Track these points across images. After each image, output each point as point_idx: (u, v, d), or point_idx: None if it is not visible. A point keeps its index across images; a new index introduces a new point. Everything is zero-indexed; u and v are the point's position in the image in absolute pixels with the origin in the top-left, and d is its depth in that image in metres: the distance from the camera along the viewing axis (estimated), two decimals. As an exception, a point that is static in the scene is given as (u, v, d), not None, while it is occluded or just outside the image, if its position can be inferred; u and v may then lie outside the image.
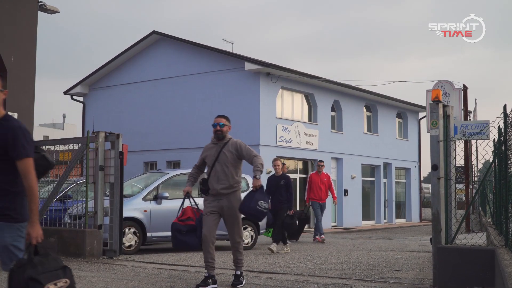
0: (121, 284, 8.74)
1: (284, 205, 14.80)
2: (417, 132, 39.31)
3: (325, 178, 18.82)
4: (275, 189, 14.78)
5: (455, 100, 21.18)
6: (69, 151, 13.82)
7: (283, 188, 14.84)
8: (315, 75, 29.28)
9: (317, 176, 18.77)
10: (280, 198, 14.74)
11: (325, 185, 18.69)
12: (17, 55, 13.56)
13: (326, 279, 9.36)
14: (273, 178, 15.17)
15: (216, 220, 8.64)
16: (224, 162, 8.84)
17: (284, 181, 14.90)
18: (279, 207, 14.68)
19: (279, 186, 14.81)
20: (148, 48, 30.99)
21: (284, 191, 14.84)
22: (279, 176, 15.01)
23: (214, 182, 8.72)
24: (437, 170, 8.38)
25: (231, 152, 8.99)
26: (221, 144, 9.21)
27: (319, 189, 18.62)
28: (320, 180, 18.71)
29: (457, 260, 8.02)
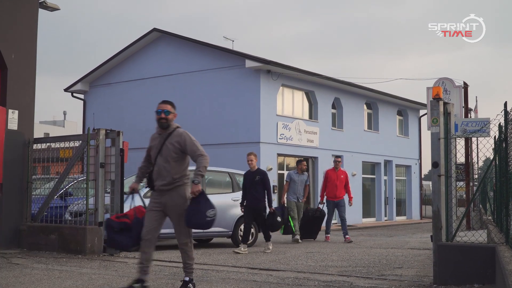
0: (122, 281, 8.74)
1: (261, 204, 13.91)
2: (417, 129, 39.31)
3: (342, 175, 17.92)
4: (250, 185, 13.88)
5: (455, 98, 21.20)
6: (70, 148, 13.82)
7: (259, 184, 13.88)
8: (315, 73, 29.29)
9: (334, 173, 17.88)
10: (256, 195, 13.82)
11: (342, 182, 17.80)
12: (18, 52, 13.55)
13: (327, 276, 9.37)
14: (248, 173, 14.20)
15: (157, 218, 7.84)
16: (166, 155, 7.93)
17: (260, 176, 13.95)
18: (256, 204, 13.87)
19: (254, 182, 13.87)
20: (149, 46, 30.99)
21: (261, 187, 13.87)
22: (254, 172, 14.05)
23: (155, 178, 7.89)
24: (437, 168, 8.37)
25: (173, 144, 8.06)
26: (164, 134, 8.29)
27: (334, 187, 17.71)
28: (336, 177, 17.80)
29: (458, 258, 8.02)
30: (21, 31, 13.73)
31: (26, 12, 13.95)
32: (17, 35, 13.61)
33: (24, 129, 13.59)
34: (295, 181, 17.24)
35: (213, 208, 7.67)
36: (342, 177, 17.85)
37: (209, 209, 7.63)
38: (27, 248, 13.04)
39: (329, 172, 18.04)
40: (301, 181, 17.30)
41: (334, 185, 17.67)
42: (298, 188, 17.25)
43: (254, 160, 14.07)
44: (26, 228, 13.25)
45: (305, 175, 17.47)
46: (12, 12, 13.57)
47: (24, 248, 13.10)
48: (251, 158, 14.07)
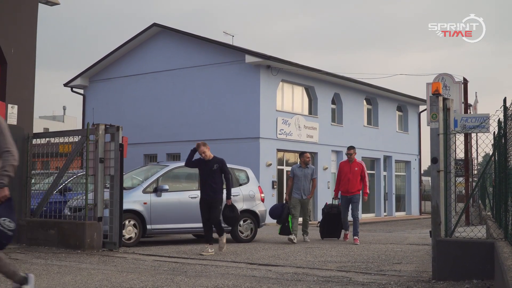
0: (121, 276, 8.75)
1: (217, 196, 12.42)
2: (417, 125, 39.31)
3: (356, 168, 15.77)
4: (207, 176, 12.47)
5: (455, 93, 21.18)
6: (69, 143, 13.83)
7: (217, 174, 12.47)
8: (315, 68, 29.27)
9: (347, 165, 15.92)
10: (214, 186, 12.38)
11: (355, 175, 15.68)
12: (17, 47, 13.54)
13: (326, 272, 9.38)
14: (202, 162, 12.64)
15: None
16: None
17: (218, 165, 12.50)
18: (212, 197, 12.39)
19: (211, 171, 12.44)
20: (149, 41, 30.97)
21: (219, 178, 12.49)
22: (210, 160, 12.55)
23: None
24: (437, 163, 8.38)
25: None
26: None
27: (347, 181, 15.67)
28: (349, 170, 15.76)
29: (457, 253, 8.02)
30: (21, 26, 13.72)
31: (26, 7, 13.94)
32: (17, 30, 13.59)
33: (23, 124, 13.58)
34: (298, 176, 15.57)
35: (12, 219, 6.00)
36: (357, 170, 15.72)
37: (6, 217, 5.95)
38: (26, 243, 13.04)
39: (342, 164, 16.32)
40: (305, 175, 15.54)
41: (347, 179, 15.71)
42: (302, 183, 15.49)
43: (207, 150, 12.62)
44: (25, 223, 13.25)
45: (309, 169, 15.71)
46: (12, 7, 13.55)
47: (23, 243, 13.11)
48: (203, 150, 12.60)
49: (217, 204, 12.47)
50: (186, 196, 14.64)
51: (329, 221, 16.21)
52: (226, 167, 12.67)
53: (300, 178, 15.53)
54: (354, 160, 15.92)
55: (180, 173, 15.52)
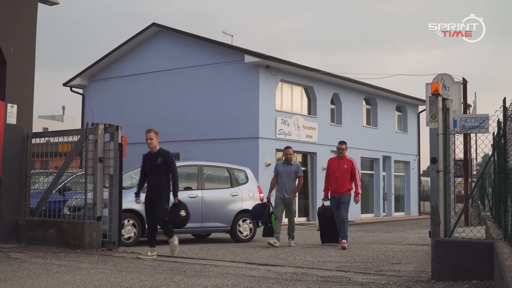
0: (120, 276, 8.75)
1: (163, 193, 11.30)
2: (416, 125, 39.32)
3: (346, 165, 14.21)
4: (152, 170, 11.36)
5: (454, 94, 21.21)
6: (69, 143, 13.84)
7: (162, 169, 11.34)
8: (314, 68, 29.28)
9: (335, 162, 14.40)
10: (159, 183, 11.27)
11: (344, 173, 14.13)
12: (17, 47, 13.54)
13: (325, 272, 9.38)
14: (148, 156, 11.61)
15: None
16: None
17: (162, 159, 11.38)
18: (157, 194, 11.28)
19: (156, 165, 11.33)
20: (148, 40, 30.97)
21: (164, 173, 11.34)
22: (155, 153, 11.49)
23: None
24: (436, 163, 8.38)
25: None
26: None
27: (334, 179, 14.19)
28: (338, 167, 14.24)
29: (456, 253, 8.03)
30: (21, 25, 13.72)
31: (25, 6, 13.94)
32: (16, 30, 13.59)
33: (23, 123, 13.59)
34: (281, 173, 14.45)
35: None
36: (346, 167, 14.17)
37: None
38: (25, 243, 13.05)
39: (330, 161, 14.69)
40: (287, 172, 14.34)
41: (335, 177, 14.21)
42: (284, 181, 14.36)
43: (154, 138, 11.53)
44: (24, 223, 13.26)
45: (293, 166, 14.44)
46: (11, 6, 13.56)
47: (23, 242, 13.11)
48: (151, 136, 11.50)
49: (163, 202, 11.27)
50: (185, 195, 14.61)
51: (327, 225, 14.57)
52: (171, 161, 11.46)
53: (282, 175, 14.42)
54: (344, 156, 14.35)
55: (180, 173, 15.44)
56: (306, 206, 29.85)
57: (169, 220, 11.39)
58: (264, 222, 14.52)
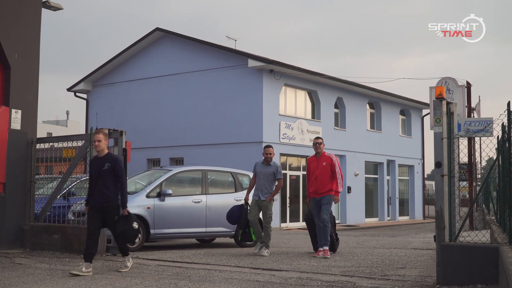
0: (125, 281, 8.75)
1: (110, 202, 9.92)
2: (420, 129, 39.31)
3: (325, 162, 12.83)
4: (97, 177, 9.99)
5: (458, 97, 21.21)
6: (73, 148, 13.84)
7: (109, 176, 9.94)
8: (318, 72, 29.33)
9: (314, 161, 13.09)
10: (104, 191, 9.89)
11: (324, 172, 12.78)
12: (21, 52, 13.56)
13: (330, 276, 9.36)
14: (94, 160, 10.28)
15: None
16: None
17: (110, 164, 9.95)
18: (103, 203, 9.91)
19: (102, 172, 9.95)
20: (152, 45, 31.03)
21: (110, 180, 9.94)
22: (102, 158, 10.09)
23: None
24: (440, 167, 8.37)
25: None
26: None
27: (314, 179, 12.86)
28: (316, 166, 12.92)
29: (461, 258, 8.01)
30: (24, 30, 13.75)
31: (29, 11, 13.97)
32: (20, 35, 13.62)
33: (27, 128, 13.60)
34: (258, 173, 13.31)
35: None
36: (325, 165, 12.82)
37: None
38: (30, 248, 13.05)
39: (309, 160, 13.39)
40: (265, 174, 13.19)
41: (314, 177, 12.89)
42: (261, 182, 13.18)
43: (103, 140, 10.15)
44: (29, 228, 13.26)
45: (272, 167, 13.28)
46: (15, 11, 13.58)
47: (27, 248, 13.12)
48: (99, 138, 10.11)
49: (111, 213, 9.98)
50: (190, 200, 14.64)
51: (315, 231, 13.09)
52: (120, 167, 10.09)
53: (260, 176, 13.26)
54: (322, 153, 13.03)
55: (184, 178, 15.52)
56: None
57: (119, 235, 10.05)
58: (241, 227, 13.26)
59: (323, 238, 12.55)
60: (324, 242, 12.51)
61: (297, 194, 29.43)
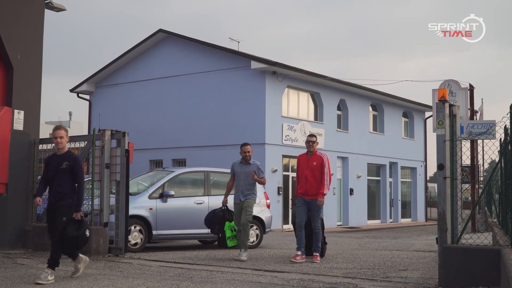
0: (127, 282, 8.75)
1: (62, 201, 9.13)
2: (423, 131, 39.28)
3: (315, 162, 12.08)
4: (54, 176, 9.22)
5: (461, 100, 21.17)
6: (75, 149, 13.85)
7: (66, 176, 9.19)
8: (321, 74, 29.29)
9: (304, 159, 12.32)
10: (60, 190, 9.14)
11: (314, 172, 12.05)
12: (24, 53, 13.58)
13: (332, 278, 9.36)
14: (52, 158, 9.50)
15: None
16: None
17: (68, 163, 9.20)
18: (57, 204, 9.16)
19: (59, 171, 9.20)
20: (154, 46, 31.04)
21: (68, 180, 9.19)
22: (61, 156, 9.29)
23: None
24: (443, 170, 8.36)
25: None
26: None
27: (304, 179, 12.09)
28: (306, 165, 12.15)
29: (463, 260, 8.00)
30: (27, 31, 13.77)
31: (32, 12, 13.99)
32: (23, 36, 13.65)
33: (29, 129, 13.62)
34: (237, 174, 12.58)
35: None
36: (315, 165, 12.04)
37: None
38: (32, 249, 13.06)
39: (299, 158, 12.57)
40: (245, 173, 12.44)
41: (304, 177, 12.13)
42: (241, 183, 12.43)
43: (65, 137, 9.37)
44: (31, 229, 13.28)
45: (252, 165, 12.55)
46: (18, 12, 13.61)
47: (29, 248, 13.13)
48: (61, 134, 9.29)
49: (60, 212, 9.15)
50: (192, 201, 14.66)
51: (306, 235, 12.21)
52: (79, 167, 9.31)
53: (239, 177, 12.50)
54: (314, 152, 12.23)
55: (186, 179, 15.54)
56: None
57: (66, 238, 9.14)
58: (214, 231, 12.85)
59: (315, 243, 12.07)
60: (315, 248, 12.04)
61: (299, 196, 29.35)
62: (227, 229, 12.62)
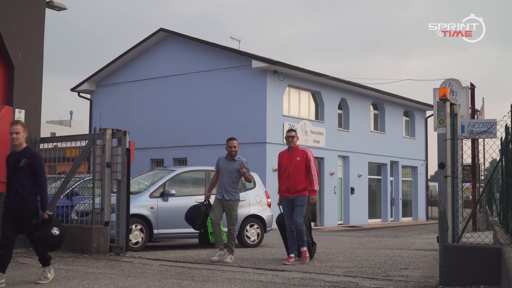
0: (128, 281, 8.76)
1: (26, 204, 8.52)
2: (424, 130, 39.27)
3: (299, 157, 11.49)
4: (13, 175, 8.58)
5: (462, 99, 21.17)
6: (76, 148, 13.87)
7: (26, 173, 8.56)
8: (322, 73, 29.29)
9: (286, 156, 11.71)
10: (20, 191, 8.51)
11: (298, 168, 11.44)
12: (25, 52, 13.58)
13: (332, 277, 9.37)
14: (11, 155, 8.84)
15: None
16: None
17: (27, 160, 8.57)
18: (19, 205, 8.52)
19: (18, 169, 8.57)
20: (155, 46, 31.04)
21: (28, 179, 8.56)
22: (19, 152, 8.67)
23: None
24: (444, 169, 8.36)
25: None
26: None
27: (286, 177, 11.49)
28: (289, 162, 11.55)
29: (464, 259, 8.00)
30: (28, 30, 13.77)
31: (33, 12, 13.99)
32: (24, 35, 13.65)
33: (30, 128, 13.58)
34: (222, 170, 11.90)
35: None
36: (299, 160, 11.47)
37: None
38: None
39: (280, 155, 11.99)
40: (229, 170, 11.76)
41: (286, 174, 11.52)
42: (225, 180, 11.75)
43: (22, 133, 8.68)
44: (32, 228, 13.27)
45: (237, 162, 11.83)
46: (19, 11, 13.61)
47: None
48: (17, 130, 8.62)
49: (28, 216, 8.58)
50: (193, 200, 14.61)
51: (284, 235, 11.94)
52: (39, 164, 8.68)
53: (223, 173, 11.85)
54: (296, 147, 11.68)
55: (187, 178, 15.54)
56: (313, 211, 29.81)
57: (36, 240, 8.68)
58: (196, 227, 12.05)
59: (299, 238, 11.37)
60: (300, 243, 11.34)
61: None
62: (209, 224, 11.76)
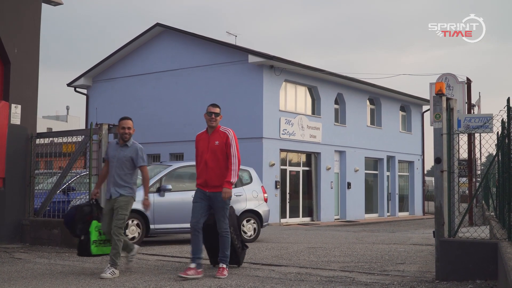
0: (124, 276, 8.75)
1: None
2: (420, 125, 39.32)
3: (217, 141, 8.99)
4: None
5: (458, 93, 21.20)
6: (73, 143, 13.86)
7: None
8: (318, 68, 29.29)
9: (204, 139, 9.15)
10: None
11: (217, 155, 8.91)
12: (21, 47, 13.56)
13: (329, 272, 9.37)
14: None
15: None
16: None
17: None
18: None
19: None
20: (152, 40, 31.00)
21: None
22: None
23: None
24: (440, 163, 8.37)
25: None
26: None
27: (204, 166, 8.93)
28: (207, 147, 8.99)
29: (460, 253, 8.01)
30: (24, 25, 13.74)
31: (29, 6, 13.96)
32: (20, 30, 13.62)
33: (27, 123, 13.60)
34: (111, 158, 9.21)
35: None
36: (217, 145, 8.97)
37: None
38: (29, 243, 13.06)
39: (197, 137, 9.31)
40: (119, 159, 9.12)
41: (203, 162, 8.97)
42: (114, 172, 9.07)
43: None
44: (28, 223, 13.28)
45: (130, 148, 9.29)
46: (15, 6, 13.57)
47: (27, 242, 13.13)
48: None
49: None
50: (189, 196, 14.56)
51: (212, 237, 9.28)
52: None
53: (112, 162, 9.15)
54: (216, 128, 9.15)
55: (183, 173, 15.52)
56: (310, 206, 29.86)
57: None
58: (75, 233, 9.22)
59: (222, 249, 9.02)
60: (221, 257, 8.98)
61: (297, 189, 29.41)
62: (93, 230, 9.04)
